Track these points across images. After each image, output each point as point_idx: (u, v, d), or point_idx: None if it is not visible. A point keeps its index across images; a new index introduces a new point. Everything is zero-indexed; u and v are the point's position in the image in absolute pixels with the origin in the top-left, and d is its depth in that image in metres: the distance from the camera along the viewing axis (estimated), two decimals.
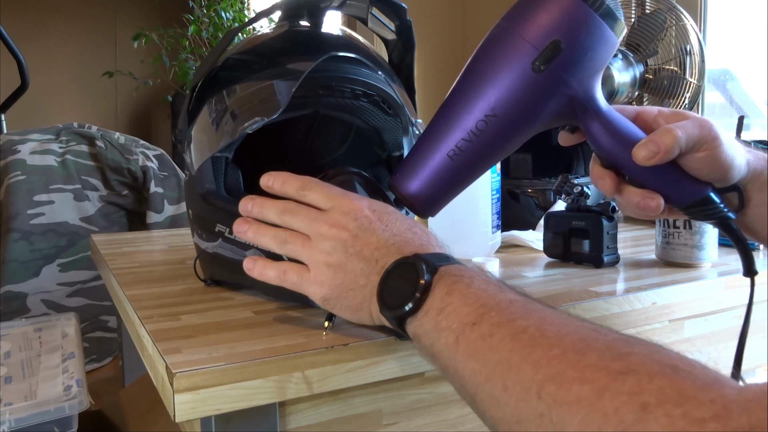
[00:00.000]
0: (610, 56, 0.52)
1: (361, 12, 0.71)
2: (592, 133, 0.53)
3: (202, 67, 0.68)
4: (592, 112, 0.52)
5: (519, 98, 0.51)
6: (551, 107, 0.51)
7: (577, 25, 0.49)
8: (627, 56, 1.41)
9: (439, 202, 0.56)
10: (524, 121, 0.52)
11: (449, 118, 0.53)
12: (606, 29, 0.50)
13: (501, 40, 0.52)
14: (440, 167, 0.53)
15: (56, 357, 1.04)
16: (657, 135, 0.51)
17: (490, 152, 0.53)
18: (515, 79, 0.50)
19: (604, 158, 0.54)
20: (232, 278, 0.70)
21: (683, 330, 0.77)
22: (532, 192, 1.07)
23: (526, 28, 0.50)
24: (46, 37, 4.10)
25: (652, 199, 0.52)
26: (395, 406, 0.60)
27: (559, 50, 0.49)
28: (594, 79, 0.52)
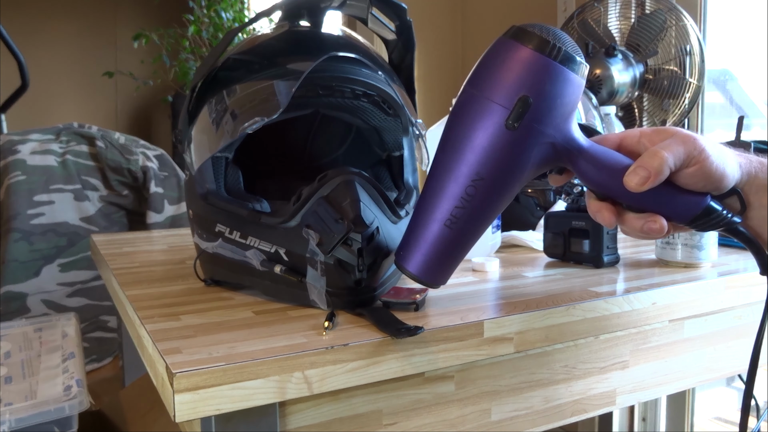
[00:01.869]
0: (579, 95, 0.53)
1: (361, 12, 0.71)
2: (580, 171, 0.54)
3: (202, 67, 0.68)
4: (575, 152, 0.53)
5: (501, 158, 0.52)
6: (534, 158, 0.52)
7: (541, 77, 0.50)
8: (627, 56, 1.41)
9: (447, 270, 0.57)
10: (512, 177, 0.53)
11: (438, 189, 0.54)
12: (569, 74, 0.51)
13: (471, 106, 0.53)
14: (440, 238, 0.54)
15: (56, 357, 1.04)
16: (644, 160, 0.51)
17: (486, 212, 0.54)
18: (493, 141, 0.51)
19: (597, 192, 0.55)
20: (232, 278, 0.70)
21: (683, 330, 0.77)
22: (532, 192, 1.07)
23: (493, 90, 0.51)
24: (46, 37, 4.10)
25: (654, 222, 0.53)
26: (395, 406, 0.60)
27: (529, 105, 0.50)
28: (569, 121, 0.53)
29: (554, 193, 1.05)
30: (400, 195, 0.74)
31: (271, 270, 0.64)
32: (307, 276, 0.62)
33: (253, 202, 0.67)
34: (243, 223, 0.65)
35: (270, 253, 0.64)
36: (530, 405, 0.67)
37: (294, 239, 0.62)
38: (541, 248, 0.89)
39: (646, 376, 0.75)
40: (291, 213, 0.62)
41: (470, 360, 0.60)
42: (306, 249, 0.62)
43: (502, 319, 0.61)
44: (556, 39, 0.50)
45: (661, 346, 0.76)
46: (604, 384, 0.72)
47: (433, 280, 0.56)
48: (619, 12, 1.48)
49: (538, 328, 0.63)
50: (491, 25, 2.21)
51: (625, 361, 0.73)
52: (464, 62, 2.32)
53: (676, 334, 0.77)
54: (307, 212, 0.62)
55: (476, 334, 0.59)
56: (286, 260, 0.63)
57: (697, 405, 1.60)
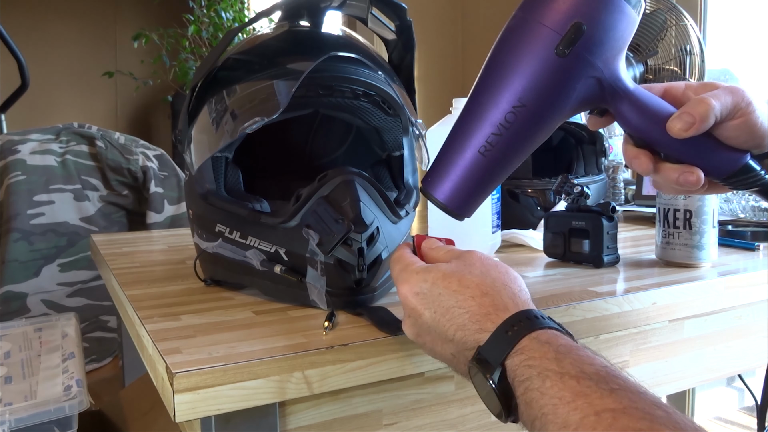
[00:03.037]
0: (632, 33, 0.51)
1: (361, 12, 0.71)
2: (623, 114, 0.52)
3: (202, 67, 0.68)
4: (621, 93, 0.52)
5: (546, 85, 0.50)
6: (579, 91, 0.51)
7: (597, 5, 0.49)
8: (627, 56, 1.41)
9: (476, 202, 0.55)
10: (553, 108, 0.51)
11: (477, 114, 0.52)
12: (625, 6, 0.50)
13: (521, 30, 0.51)
14: (472, 165, 0.52)
15: (56, 357, 1.04)
16: (690, 106, 0.50)
17: (522, 143, 0.52)
18: (540, 66, 0.50)
19: (636, 137, 0.53)
20: (232, 278, 0.70)
21: (683, 330, 0.77)
22: (532, 192, 1.07)
23: (546, 14, 0.50)
24: (46, 37, 4.10)
25: (691, 173, 0.51)
26: (395, 406, 0.60)
27: (582, 32, 0.49)
28: (618, 59, 0.51)
29: (554, 193, 1.05)
30: (400, 195, 0.74)
31: (271, 270, 0.64)
32: (307, 276, 0.62)
33: (253, 202, 0.67)
34: (243, 223, 0.65)
35: (270, 253, 0.64)
36: None
37: (294, 239, 0.62)
38: (541, 248, 0.89)
39: (646, 376, 0.74)
40: (291, 213, 0.62)
41: None
42: (306, 249, 0.62)
43: None
44: None
45: (661, 346, 0.76)
46: None
47: (460, 210, 0.54)
48: None
49: None
50: (491, 25, 2.21)
51: (625, 361, 0.73)
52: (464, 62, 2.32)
53: (676, 334, 0.77)
54: (307, 212, 0.62)
55: None
56: (286, 260, 0.63)
57: (697, 405, 1.60)
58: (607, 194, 1.40)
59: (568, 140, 1.19)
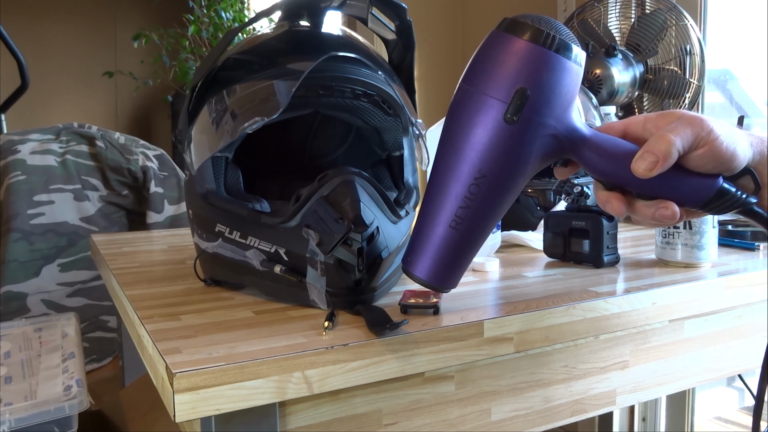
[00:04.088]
0: (578, 84, 0.52)
1: (361, 12, 0.71)
2: (585, 161, 0.53)
3: (202, 67, 0.68)
4: (579, 142, 0.52)
5: (502, 153, 0.51)
6: (537, 151, 0.51)
7: (537, 67, 0.49)
8: (627, 56, 1.41)
9: (457, 273, 0.55)
10: (514, 172, 0.52)
11: (441, 190, 0.53)
12: (565, 62, 0.50)
13: (467, 103, 0.52)
14: (446, 240, 0.53)
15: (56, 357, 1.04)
16: (651, 144, 0.50)
17: (491, 210, 0.53)
18: (492, 137, 0.50)
19: (604, 181, 0.54)
20: (232, 278, 0.70)
21: (683, 330, 0.77)
22: (532, 192, 1.07)
23: (488, 85, 0.50)
24: (46, 37, 4.10)
25: (666, 208, 0.51)
26: (395, 406, 0.60)
27: (527, 97, 0.49)
28: (569, 111, 0.52)
29: (554, 193, 1.05)
30: (400, 195, 0.74)
31: (271, 270, 0.64)
32: (307, 276, 0.62)
33: (253, 201, 0.67)
34: (243, 223, 0.65)
35: (270, 253, 0.64)
36: (530, 405, 0.67)
37: (294, 239, 0.62)
38: (541, 248, 0.89)
39: (646, 376, 0.74)
40: (291, 213, 0.62)
41: (470, 360, 0.60)
42: (306, 249, 0.61)
43: (502, 319, 0.61)
44: (551, 28, 0.50)
45: (661, 346, 0.76)
46: (604, 384, 0.72)
47: (443, 284, 0.55)
48: (619, 12, 1.48)
49: (538, 328, 0.63)
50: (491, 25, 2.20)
51: (625, 361, 0.73)
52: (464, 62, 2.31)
53: (676, 334, 0.77)
54: (307, 212, 0.62)
55: (476, 334, 0.59)
56: (286, 260, 0.63)
57: (697, 405, 1.60)
58: None
59: None
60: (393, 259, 0.66)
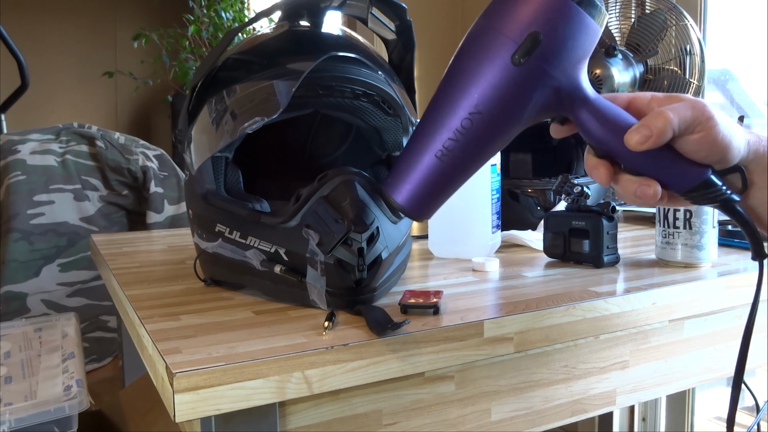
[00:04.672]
0: (594, 44, 0.51)
1: (361, 12, 0.71)
2: (582, 123, 0.52)
3: (202, 67, 0.68)
4: (580, 101, 0.51)
5: (502, 93, 0.50)
6: (536, 100, 0.51)
7: (555, 15, 0.49)
8: (627, 56, 1.41)
9: (432, 205, 0.55)
10: (509, 116, 0.51)
11: (434, 118, 0.52)
12: (585, 17, 0.49)
13: (480, 37, 0.51)
14: (429, 169, 0.52)
15: (56, 357, 1.04)
16: (648, 119, 0.50)
17: (478, 150, 0.52)
18: (496, 75, 0.50)
19: (596, 147, 0.53)
20: (232, 278, 0.70)
21: (683, 330, 0.77)
22: (532, 192, 1.07)
23: (504, 23, 0.49)
24: (46, 37, 4.10)
25: (648, 186, 0.51)
26: (395, 406, 0.60)
27: (538, 42, 0.48)
28: (578, 68, 0.51)
29: (554, 193, 1.05)
30: None
31: (271, 270, 0.64)
32: (307, 276, 0.62)
33: (253, 202, 0.67)
34: (243, 223, 0.65)
35: (270, 253, 0.64)
36: (530, 405, 0.67)
37: (294, 239, 0.62)
38: (541, 248, 0.89)
39: (646, 376, 0.74)
40: (291, 213, 0.62)
41: (470, 360, 0.60)
42: (306, 249, 0.61)
43: (502, 319, 0.61)
44: None
45: (661, 346, 0.76)
46: (604, 384, 0.72)
47: (418, 212, 0.54)
48: (619, 12, 1.48)
49: (538, 328, 0.63)
50: None
51: (625, 361, 0.73)
52: None
53: (676, 334, 0.77)
54: (307, 212, 0.62)
55: (476, 334, 0.59)
56: (286, 260, 0.63)
57: (697, 405, 1.60)
58: (607, 194, 1.40)
59: (568, 140, 1.19)
60: (393, 259, 0.66)
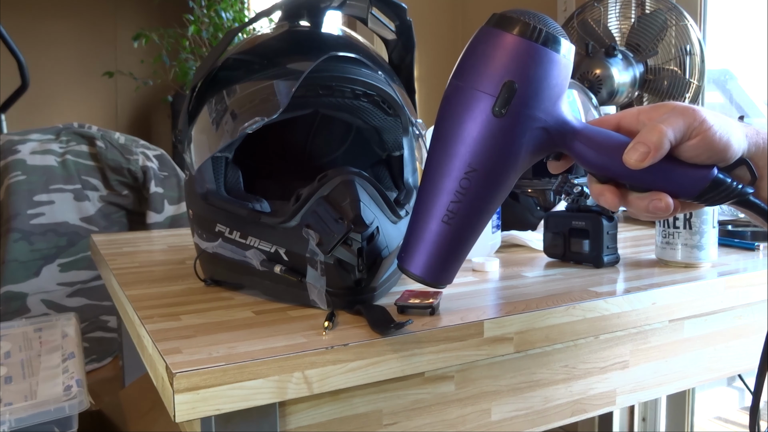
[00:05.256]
0: (567, 77, 0.52)
1: (361, 12, 0.71)
2: (578, 154, 0.53)
3: (202, 67, 0.68)
4: (569, 135, 0.52)
5: (491, 147, 0.51)
6: (527, 144, 0.51)
7: (524, 61, 0.49)
8: (627, 56, 1.41)
9: (451, 269, 0.55)
10: (505, 165, 0.52)
11: (432, 185, 0.53)
12: (552, 55, 0.50)
13: (456, 97, 0.52)
14: (440, 235, 0.53)
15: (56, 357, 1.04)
16: (643, 135, 0.50)
17: (482, 205, 0.53)
18: (482, 131, 0.50)
19: (597, 174, 0.54)
20: (232, 278, 0.70)
21: (683, 330, 0.77)
22: (532, 192, 1.07)
23: (477, 80, 0.50)
24: (46, 37, 4.10)
25: (659, 200, 0.51)
26: (395, 406, 0.60)
27: (514, 90, 0.49)
28: (558, 104, 0.52)
29: (554, 193, 1.05)
30: (400, 195, 0.74)
31: (271, 270, 0.64)
32: (307, 276, 0.62)
33: (253, 202, 0.67)
34: (243, 223, 0.65)
35: (270, 253, 0.64)
36: (530, 405, 0.67)
37: (294, 239, 0.62)
38: (541, 248, 0.89)
39: (646, 376, 0.74)
40: (291, 213, 0.62)
41: (470, 360, 0.60)
42: (306, 249, 0.62)
43: (502, 319, 0.61)
44: (538, 21, 0.50)
45: (661, 346, 0.76)
46: (604, 384, 0.72)
47: (438, 279, 0.55)
48: (619, 12, 1.48)
49: (538, 328, 0.63)
50: None
51: (625, 361, 0.73)
52: None
53: (676, 334, 0.77)
54: (306, 212, 0.62)
55: (476, 334, 0.59)
56: (286, 260, 0.63)
57: (697, 405, 1.60)
58: None
59: None
60: (393, 259, 0.66)
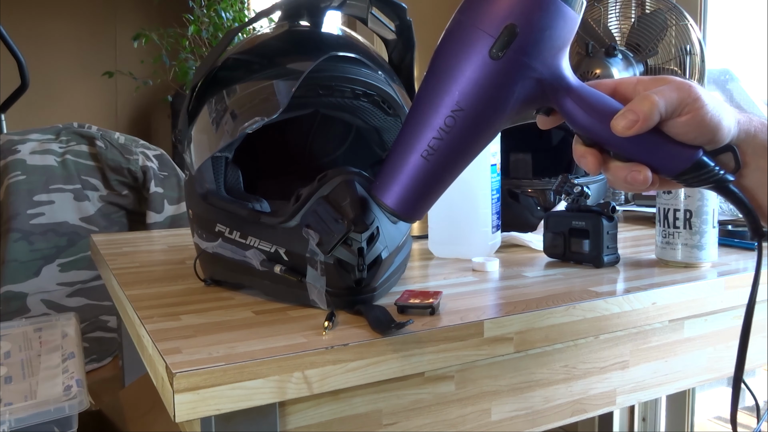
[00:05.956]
0: (573, 32, 0.50)
1: (361, 12, 0.71)
2: (567, 112, 0.51)
3: (202, 67, 0.68)
4: (563, 91, 0.51)
5: (482, 89, 0.49)
6: (518, 93, 0.50)
7: (531, 6, 0.48)
8: (627, 56, 1.41)
9: (423, 206, 0.54)
10: (492, 110, 0.50)
11: (418, 119, 0.52)
12: (562, 5, 0.48)
13: (457, 33, 0.50)
14: (416, 170, 0.52)
15: (56, 357, 1.04)
16: (634, 104, 0.49)
17: (463, 147, 0.52)
18: (475, 70, 0.49)
19: (584, 136, 0.52)
20: (232, 278, 0.70)
21: (683, 330, 0.77)
22: (532, 192, 1.07)
23: (480, 17, 0.49)
24: (46, 37, 4.09)
25: (638, 172, 0.50)
26: (395, 406, 0.60)
27: (515, 34, 0.48)
28: (558, 57, 0.50)
29: (554, 193, 1.05)
30: None
31: (271, 270, 0.64)
32: (307, 276, 0.62)
33: (252, 201, 0.67)
34: (243, 223, 0.65)
35: (270, 253, 0.64)
36: (530, 405, 0.67)
37: (294, 239, 0.62)
38: (541, 248, 0.89)
39: (646, 376, 0.74)
40: (291, 213, 0.62)
41: (470, 360, 0.60)
42: (306, 249, 0.61)
43: (502, 319, 0.61)
44: None
45: (661, 346, 0.76)
46: (604, 384, 0.72)
47: (408, 213, 0.53)
48: (619, 12, 1.48)
49: (538, 328, 0.63)
50: None
51: (625, 361, 0.73)
52: None
53: (676, 334, 0.77)
54: (307, 212, 0.62)
55: (476, 334, 0.59)
56: (286, 260, 0.63)
57: (697, 405, 1.60)
58: (607, 194, 1.40)
59: (567, 140, 1.19)
60: (393, 259, 0.66)
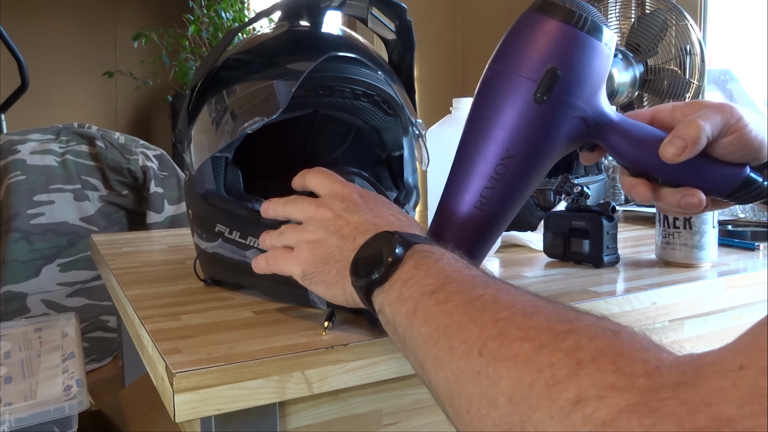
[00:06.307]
0: (608, 67, 0.51)
1: (361, 12, 0.71)
2: (613, 146, 0.52)
3: (202, 67, 0.68)
4: (607, 127, 0.52)
5: (530, 133, 0.50)
6: (564, 133, 0.51)
7: (567, 47, 0.49)
8: (627, 56, 1.41)
9: (481, 254, 0.55)
10: (542, 153, 0.51)
11: (466, 170, 0.52)
12: (596, 43, 0.50)
13: (497, 81, 0.51)
14: (471, 222, 0.52)
15: (56, 357, 1.04)
16: (680, 129, 0.50)
17: (516, 192, 0.53)
18: (522, 116, 0.50)
19: (631, 167, 0.53)
20: (232, 278, 0.70)
21: (683, 330, 0.77)
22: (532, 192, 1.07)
23: (519, 64, 0.50)
24: (46, 37, 4.10)
25: (692, 195, 0.51)
26: (395, 406, 0.60)
27: (557, 77, 0.49)
28: (598, 94, 0.51)
29: (554, 193, 1.05)
30: (400, 195, 0.74)
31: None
32: None
33: (252, 202, 0.67)
34: (243, 223, 0.65)
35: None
36: None
37: None
38: (540, 248, 0.89)
39: None
40: None
41: None
42: None
43: None
44: (582, 9, 0.49)
45: None
46: None
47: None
48: (619, 12, 1.48)
49: None
50: (491, 26, 2.21)
51: None
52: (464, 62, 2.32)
53: (676, 334, 0.77)
54: None
55: None
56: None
57: None
58: (607, 194, 1.40)
59: None
60: None
